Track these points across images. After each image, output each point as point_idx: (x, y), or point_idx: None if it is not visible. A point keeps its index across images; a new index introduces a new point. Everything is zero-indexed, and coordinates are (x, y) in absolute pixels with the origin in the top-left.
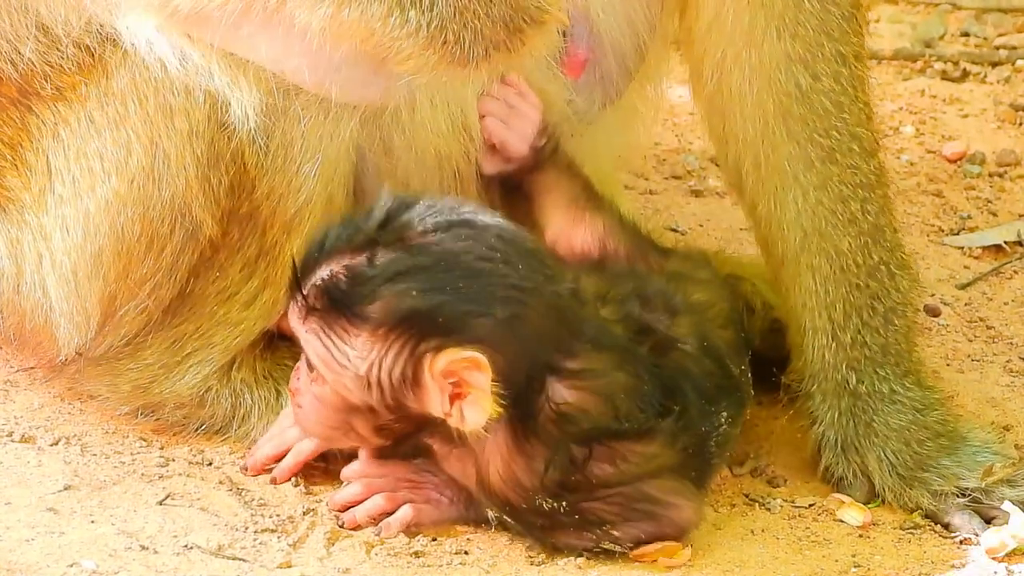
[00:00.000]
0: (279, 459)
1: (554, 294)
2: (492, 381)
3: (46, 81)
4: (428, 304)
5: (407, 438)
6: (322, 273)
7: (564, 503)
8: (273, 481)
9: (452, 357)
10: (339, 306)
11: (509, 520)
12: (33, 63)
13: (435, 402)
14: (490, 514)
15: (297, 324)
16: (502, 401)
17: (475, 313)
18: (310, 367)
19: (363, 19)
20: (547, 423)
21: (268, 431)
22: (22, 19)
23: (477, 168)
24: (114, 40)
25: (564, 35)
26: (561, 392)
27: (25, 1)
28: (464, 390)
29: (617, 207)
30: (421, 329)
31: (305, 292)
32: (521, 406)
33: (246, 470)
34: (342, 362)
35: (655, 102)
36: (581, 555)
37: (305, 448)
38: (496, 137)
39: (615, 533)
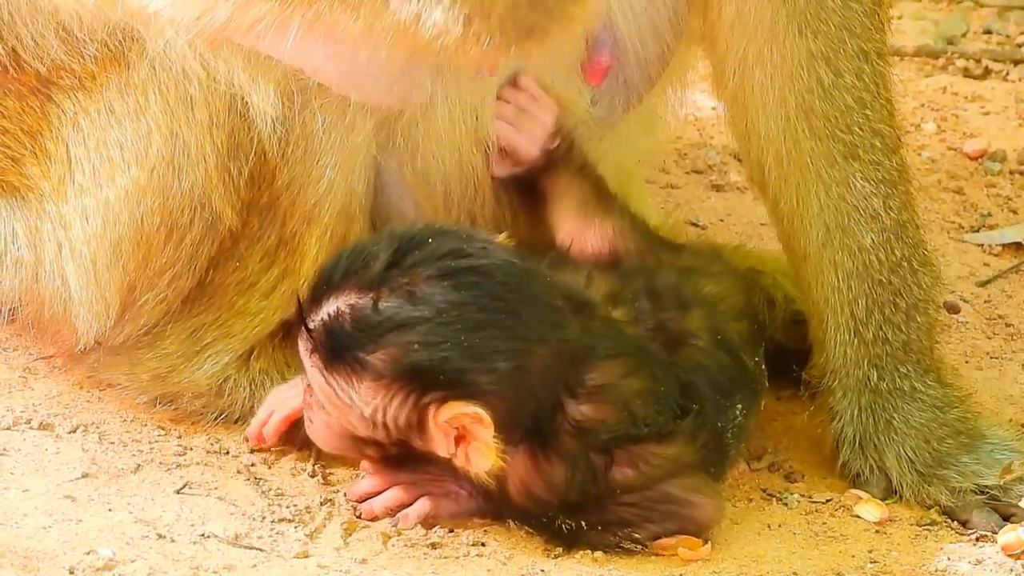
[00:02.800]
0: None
1: (560, 339)
2: (494, 436)
3: (67, 71)
4: (431, 359)
5: (411, 464)
6: (328, 309)
7: (585, 514)
8: (265, 442)
9: (455, 411)
10: (342, 350)
11: (527, 526)
12: (54, 55)
13: (440, 446)
14: (510, 523)
15: (304, 355)
16: (504, 454)
17: (477, 369)
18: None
19: (407, 14)
20: (566, 439)
21: (267, 399)
22: (43, 19)
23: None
24: (135, 36)
25: (587, 42)
26: (578, 409)
27: (47, 6)
28: (469, 436)
29: (629, 209)
30: (424, 383)
31: (311, 327)
32: (538, 431)
33: (246, 440)
34: (346, 402)
35: (676, 106)
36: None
37: (290, 403)
38: (505, 140)
39: (636, 535)
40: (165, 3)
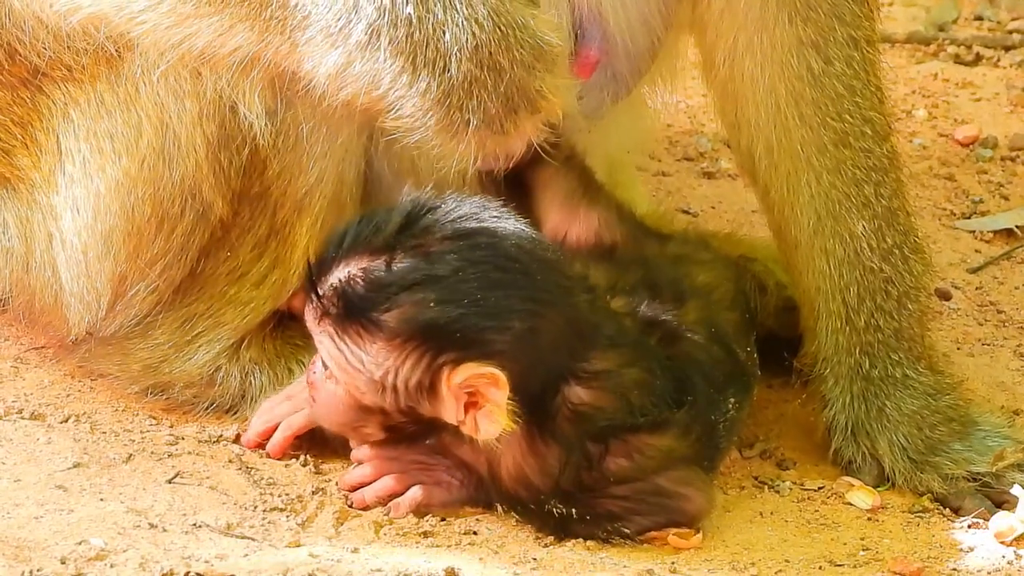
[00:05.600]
0: (271, 433)
1: (571, 305)
2: (508, 398)
3: (58, 63)
4: (446, 317)
5: (418, 435)
6: (339, 274)
7: (576, 503)
8: (268, 455)
9: (470, 372)
10: (354, 311)
11: (518, 515)
12: (47, 49)
13: (450, 411)
14: (499, 507)
15: (312, 323)
16: (517, 416)
17: (494, 328)
18: (325, 365)
19: (373, 71)
20: (563, 423)
21: (261, 406)
22: (34, 22)
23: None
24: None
25: (575, 36)
26: (577, 393)
27: (37, 15)
28: (480, 401)
29: (615, 199)
30: (439, 342)
31: (321, 292)
32: (537, 409)
33: (237, 439)
34: (356, 366)
35: (666, 95)
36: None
37: (295, 421)
38: None
39: (626, 530)
40: (146, 29)
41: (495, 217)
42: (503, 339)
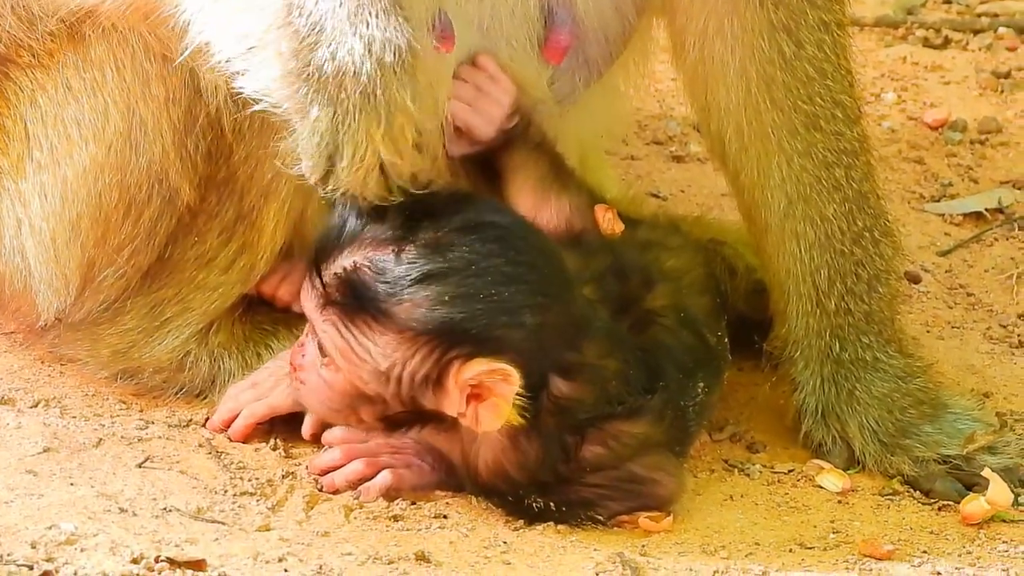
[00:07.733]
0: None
1: (571, 299)
2: (518, 393)
3: (24, 48)
4: (462, 312)
5: (407, 425)
6: (344, 263)
7: (552, 493)
8: (229, 439)
9: (482, 368)
10: (363, 302)
11: (489, 502)
12: (12, 32)
13: (453, 403)
14: (472, 498)
15: (313, 311)
16: (524, 411)
17: (508, 324)
18: (323, 352)
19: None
20: (546, 417)
21: (227, 392)
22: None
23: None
24: (93, 14)
25: (546, 21)
26: (559, 386)
27: None
28: (484, 394)
29: (586, 185)
30: (452, 337)
31: (325, 280)
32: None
33: (204, 425)
34: (362, 356)
35: (637, 80)
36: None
37: (257, 410)
38: (461, 121)
39: (599, 516)
40: None
41: (496, 208)
42: (516, 335)
